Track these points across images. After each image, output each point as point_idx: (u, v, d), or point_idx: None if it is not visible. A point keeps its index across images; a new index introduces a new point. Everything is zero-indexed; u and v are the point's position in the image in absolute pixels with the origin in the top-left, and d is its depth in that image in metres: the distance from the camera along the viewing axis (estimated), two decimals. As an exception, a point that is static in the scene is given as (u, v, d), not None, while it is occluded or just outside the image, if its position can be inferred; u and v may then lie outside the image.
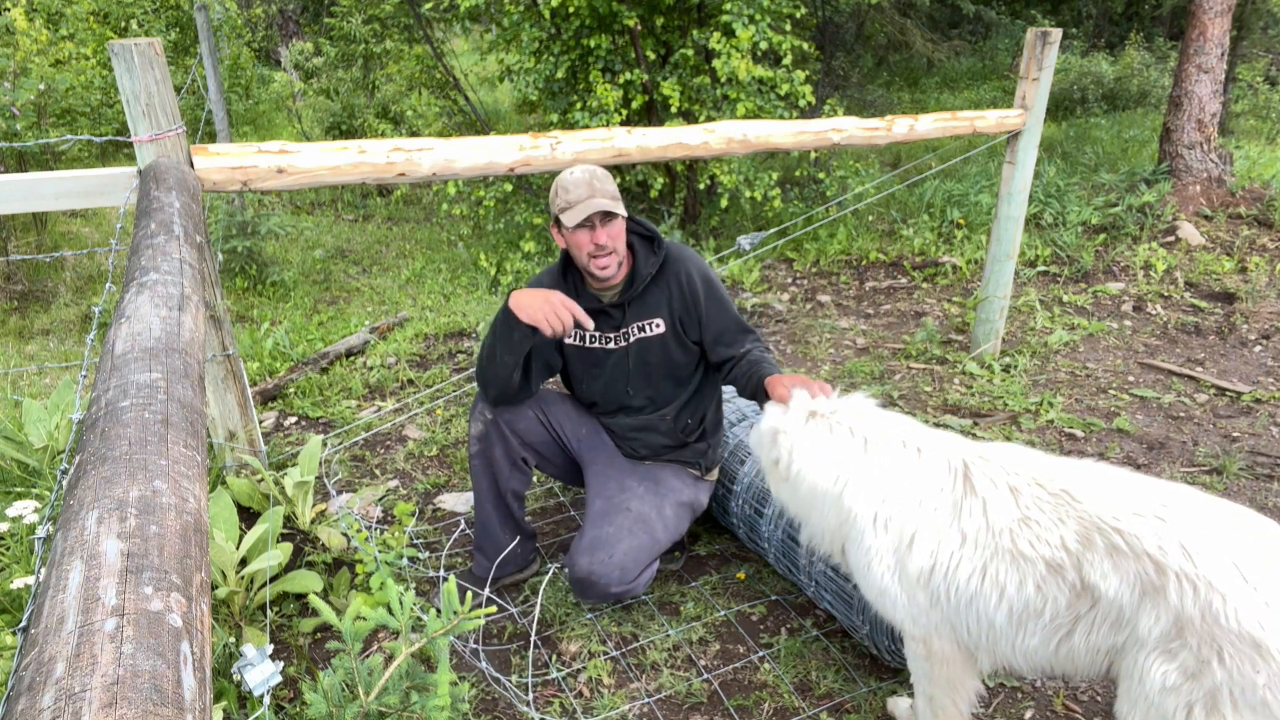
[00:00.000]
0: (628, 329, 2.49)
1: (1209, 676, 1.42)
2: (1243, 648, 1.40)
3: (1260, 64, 11.30)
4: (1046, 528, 1.62)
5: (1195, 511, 1.54)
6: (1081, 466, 1.72)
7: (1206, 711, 1.43)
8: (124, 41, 2.22)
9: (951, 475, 1.78)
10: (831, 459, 1.89)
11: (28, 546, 2.45)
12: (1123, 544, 1.53)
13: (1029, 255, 5.91)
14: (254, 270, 5.93)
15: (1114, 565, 1.54)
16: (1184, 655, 1.45)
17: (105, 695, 0.64)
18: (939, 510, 1.76)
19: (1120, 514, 1.56)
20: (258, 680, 1.24)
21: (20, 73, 6.57)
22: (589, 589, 2.40)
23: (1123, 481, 1.65)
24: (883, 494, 1.83)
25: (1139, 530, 1.53)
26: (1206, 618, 1.43)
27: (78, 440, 1.08)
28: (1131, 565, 1.52)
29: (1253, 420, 3.78)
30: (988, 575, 1.67)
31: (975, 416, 3.81)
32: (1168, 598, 1.47)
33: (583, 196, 2.27)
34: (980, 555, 1.69)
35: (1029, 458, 1.77)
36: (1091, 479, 1.66)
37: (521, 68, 6.53)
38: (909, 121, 3.65)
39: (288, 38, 14.24)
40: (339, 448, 3.55)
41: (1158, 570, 1.49)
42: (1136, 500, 1.58)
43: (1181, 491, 1.60)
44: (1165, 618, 1.48)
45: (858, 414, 1.96)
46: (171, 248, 1.69)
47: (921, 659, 1.88)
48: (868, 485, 1.85)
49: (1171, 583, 1.47)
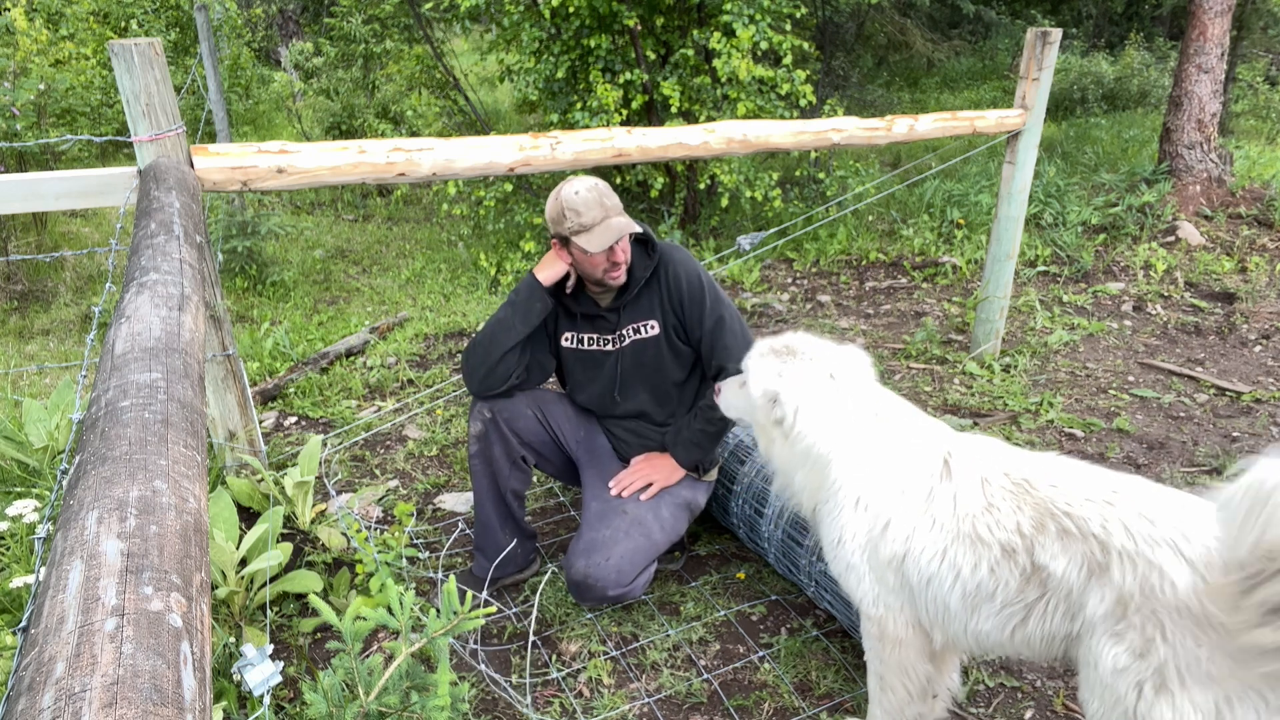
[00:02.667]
0: (623, 331, 2.49)
1: (1154, 654, 1.43)
2: (1182, 621, 1.41)
3: (1260, 64, 11.29)
4: (1005, 514, 1.67)
5: (1143, 496, 1.57)
6: (1049, 460, 1.75)
7: (1155, 690, 1.43)
8: (124, 41, 2.22)
9: (935, 463, 1.80)
10: (834, 426, 1.89)
11: (28, 546, 2.45)
12: (1072, 527, 1.57)
13: (1029, 255, 5.91)
14: (254, 270, 5.93)
15: (1063, 547, 1.57)
16: (1130, 635, 1.47)
17: (105, 695, 0.64)
18: (916, 497, 1.78)
19: (1072, 500, 1.61)
20: (258, 680, 1.24)
21: (20, 73, 6.57)
22: (586, 591, 2.40)
23: (1081, 473, 1.68)
24: (868, 475, 1.84)
25: (1088, 514, 1.57)
26: (1145, 592, 1.45)
27: (78, 440, 1.08)
28: (1079, 546, 1.55)
29: (1253, 420, 3.78)
30: (946, 557, 1.72)
31: (975, 416, 3.81)
32: (1111, 576, 1.50)
33: (598, 218, 2.25)
34: (943, 538, 1.73)
35: (1003, 451, 1.80)
36: (1053, 471, 1.70)
37: (521, 68, 6.53)
38: (909, 121, 3.65)
39: (288, 38, 14.24)
40: (339, 448, 3.55)
41: (1102, 550, 1.52)
42: (1089, 488, 1.62)
43: (1136, 481, 1.62)
44: (1110, 597, 1.50)
45: (864, 383, 1.95)
46: (171, 248, 1.69)
47: (875, 639, 1.92)
48: (857, 462, 1.85)
49: (1114, 561, 1.50)
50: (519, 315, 2.39)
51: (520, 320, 2.39)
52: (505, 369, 2.45)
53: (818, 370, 1.92)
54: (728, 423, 2.48)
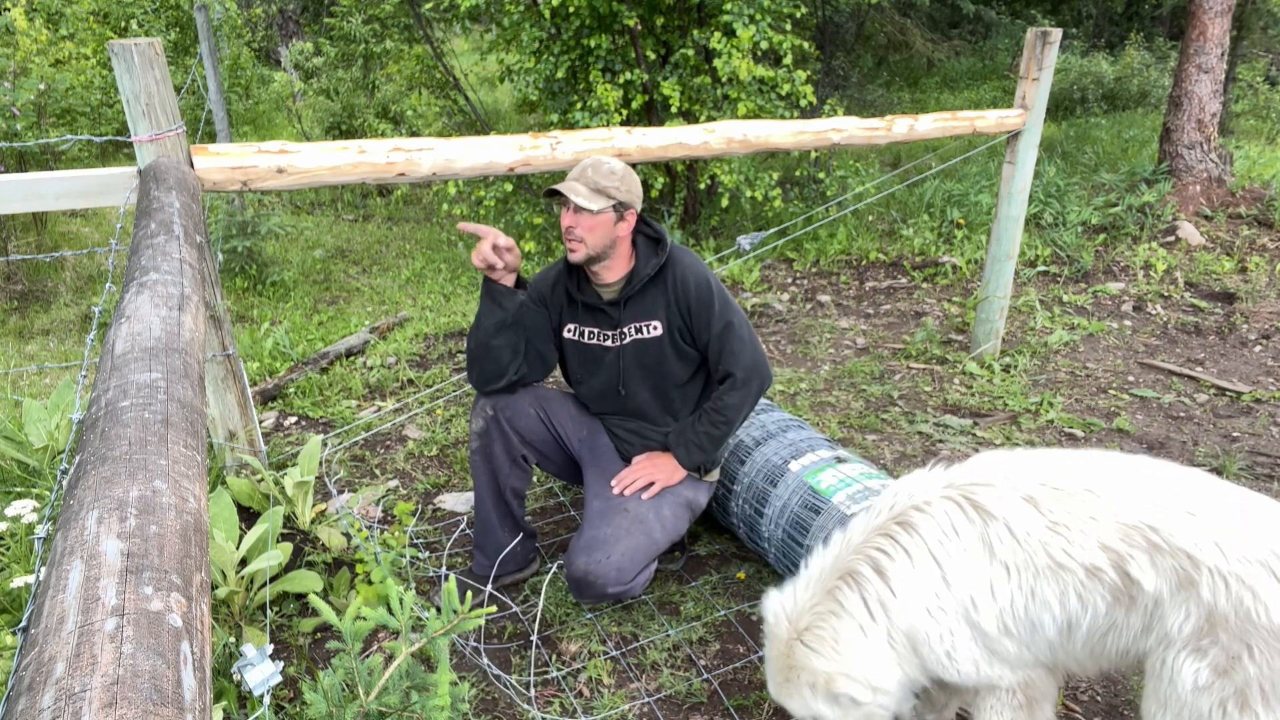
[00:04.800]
0: (624, 328, 2.49)
1: (1239, 672, 1.42)
2: (1273, 642, 1.40)
3: (1260, 64, 11.29)
4: (1076, 531, 1.56)
5: (1224, 505, 1.53)
6: (1079, 459, 1.67)
7: (1239, 708, 1.43)
8: (124, 41, 2.22)
9: (959, 512, 1.66)
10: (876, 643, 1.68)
11: (28, 546, 2.45)
12: (1159, 540, 1.51)
13: (1029, 255, 5.91)
14: (254, 270, 5.93)
15: (1151, 561, 1.51)
16: (1214, 652, 1.45)
17: (105, 695, 0.64)
18: (975, 556, 1.63)
19: (1150, 510, 1.53)
20: (258, 680, 1.24)
21: (20, 73, 6.57)
22: (586, 589, 2.40)
23: (1139, 473, 1.61)
24: (913, 591, 1.66)
25: (1172, 525, 1.51)
26: (1239, 614, 1.42)
27: (78, 440, 1.08)
28: (1168, 561, 1.50)
29: (1253, 420, 3.78)
30: (1036, 597, 1.60)
31: (975, 416, 3.81)
32: (1199, 593, 1.46)
33: (572, 176, 2.38)
34: (1024, 580, 1.60)
35: (1022, 462, 1.70)
36: (1101, 473, 1.62)
37: (521, 68, 6.53)
38: (909, 121, 3.65)
39: (288, 38, 14.24)
40: (339, 448, 3.55)
41: (1192, 565, 1.48)
42: (1161, 495, 1.55)
43: (1204, 482, 1.58)
44: (1197, 613, 1.47)
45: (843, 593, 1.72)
46: (171, 248, 1.69)
47: (1020, 709, 1.71)
48: (899, 604, 1.67)
49: (1204, 578, 1.46)
50: (484, 300, 2.46)
51: (485, 314, 2.45)
52: (497, 360, 2.46)
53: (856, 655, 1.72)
54: (732, 426, 2.48)
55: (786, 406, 3.86)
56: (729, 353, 2.44)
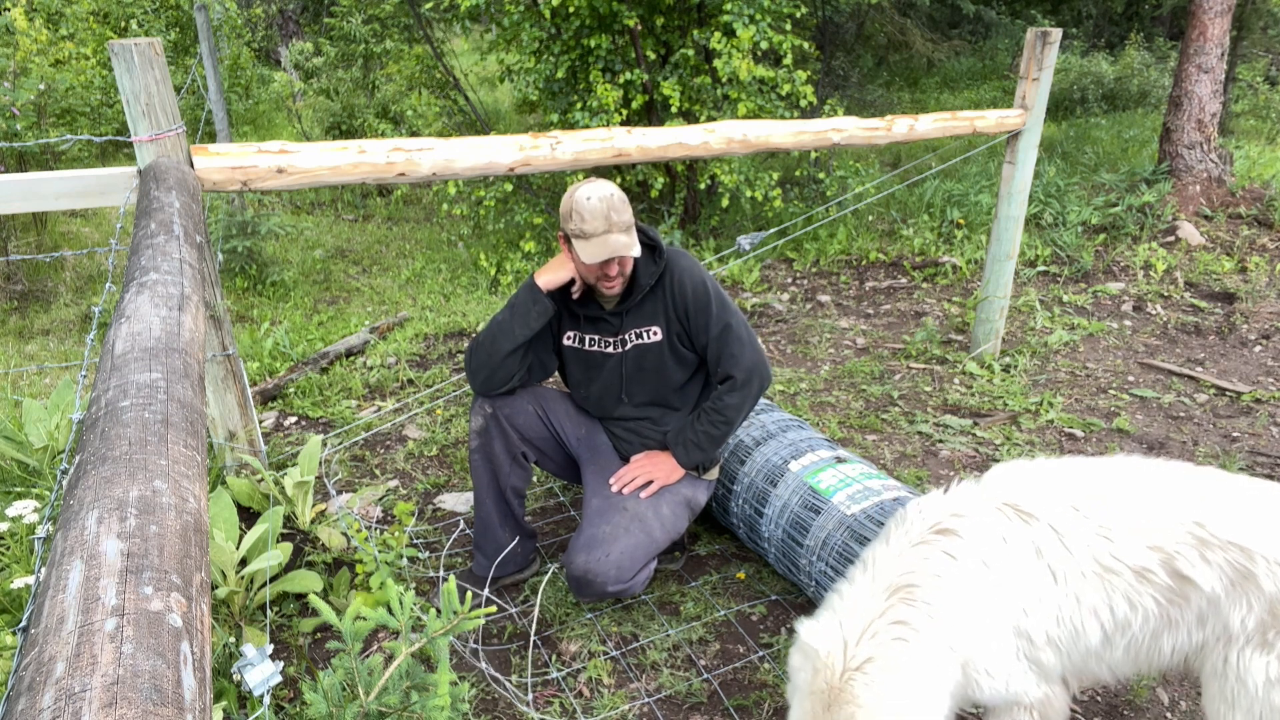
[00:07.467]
0: (625, 335, 2.49)
1: None
2: None
3: (1260, 64, 11.29)
4: (1123, 532, 1.54)
5: (1263, 497, 1.52)
6: (1115, 463, 1.65)
7: None
8: (124, 41, 2.22)
9: (1006, 522, 1.61)
10: (913, 685, 1.57)
11: (28, 546, 2.45)
12: (1208, 535, 1.48)
13: (1029, 255, 5.91)
14: (254, 270, 5.93)
15: (1202, 556, 1.48)
16: None
17: (105, 695, 0.64)
18: (1027, 564, 1.58)
19: (1192, 506, 1.52)
20: (258, 680, 1.24)
21: (20, 73, 6.58)
22: (585, 587, 2.40)
23: (1168, 474, 1.60)
24: (971, 608, 1.59)
25: (1217, 519, 1.48)
26: None
27: (78, 440, 1.08)
28: (1220, 555, 1.47)
29: (1253, 420, 3.78)
30: (1082, 603, 1.57)
31: (975, 416, 3.81)
32: (1259, 584, 1.44)
33: (599, 230, 2.23)
34: (1072, 586, 1.57)
35: (1055, 469, 1.65)
36: (1140, 476, 1.60)
37: (521, 68, 6.53)
38: (909, 121, 3.65)
39: (288, 38, 14.24)
40: (339, 448, 3.55)
41: (1246, 557, 1.46)
42: (1197, 491, 1.54)
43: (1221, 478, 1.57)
44: (1260, 606, 1.44)
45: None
46: (171, 248, 1.69)
47: None
48: (953, 619, 1.59)
49: (1262, 569, 1.44)
50: (518, 320, 2.39)
51: (519, 325, 2.40)
52: (507, 370, 2.46)
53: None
54: (732, 426, 2.48)
55: (786, 406, 3.86)
56: (728, 355, 2.44)
